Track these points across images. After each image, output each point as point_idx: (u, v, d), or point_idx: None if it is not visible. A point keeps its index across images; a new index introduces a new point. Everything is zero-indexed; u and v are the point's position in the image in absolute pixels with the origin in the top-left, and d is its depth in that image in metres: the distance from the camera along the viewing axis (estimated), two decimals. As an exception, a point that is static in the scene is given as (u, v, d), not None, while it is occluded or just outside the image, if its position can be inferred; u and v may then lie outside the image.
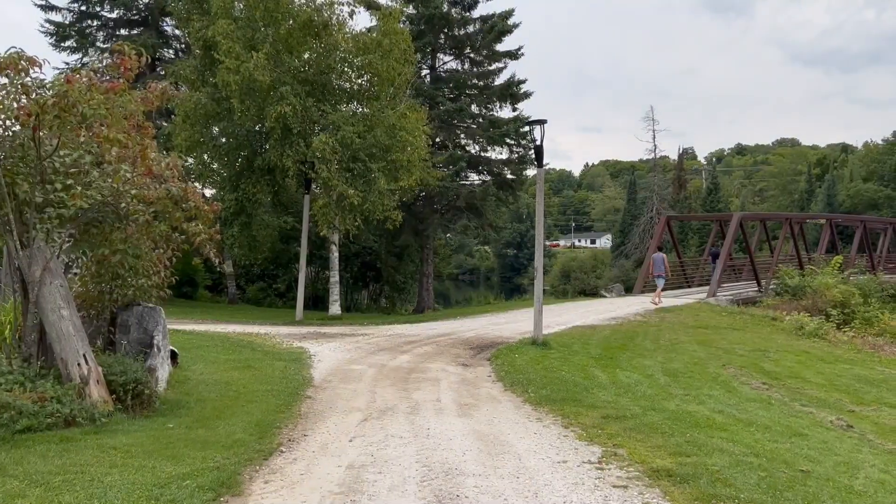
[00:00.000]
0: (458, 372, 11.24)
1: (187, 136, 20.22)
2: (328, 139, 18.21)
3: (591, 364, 12.52)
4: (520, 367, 11.57)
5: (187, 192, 7.25)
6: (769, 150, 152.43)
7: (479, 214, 27.06)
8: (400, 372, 10.97)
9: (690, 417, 8.24)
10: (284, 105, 18.24)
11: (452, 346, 14.59)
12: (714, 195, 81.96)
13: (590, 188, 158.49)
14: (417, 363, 11.98)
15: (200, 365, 10.68)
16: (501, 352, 13.33)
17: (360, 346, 14.23)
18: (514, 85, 27.51)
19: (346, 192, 18.41)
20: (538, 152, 14.30)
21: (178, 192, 7.11)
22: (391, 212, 20.13)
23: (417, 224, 26.98)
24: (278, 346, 13.86)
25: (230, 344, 13.53)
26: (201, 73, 20.20)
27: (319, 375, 10.43)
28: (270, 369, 10.58)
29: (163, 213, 7.32)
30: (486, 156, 28.05)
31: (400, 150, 19.61)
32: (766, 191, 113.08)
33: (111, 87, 6.30)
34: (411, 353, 13.14)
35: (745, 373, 12.78)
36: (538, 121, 14.21)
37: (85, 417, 6.39)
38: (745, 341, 16.64)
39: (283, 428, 7.06)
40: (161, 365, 8.62)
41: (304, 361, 11.65)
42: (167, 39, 28.50)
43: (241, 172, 20.83)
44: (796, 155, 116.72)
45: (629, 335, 16.75)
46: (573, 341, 15.29)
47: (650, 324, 18.85)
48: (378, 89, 20.17)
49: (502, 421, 7.72)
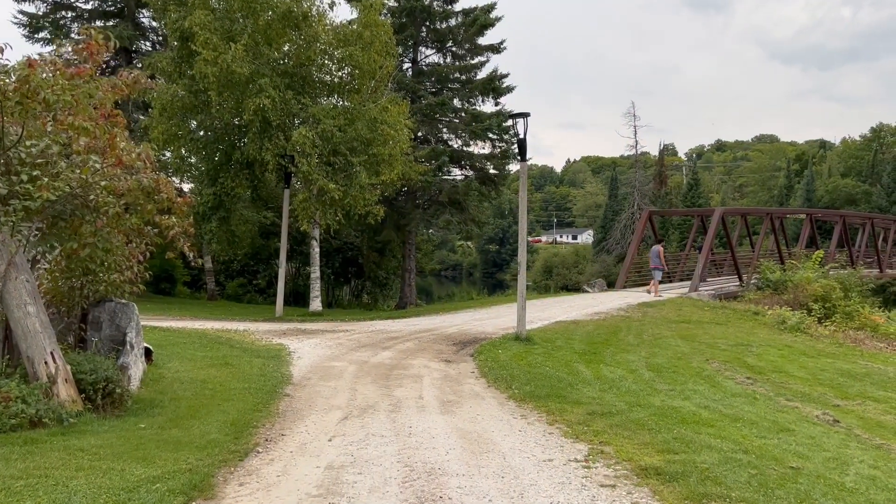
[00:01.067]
0: (441, 368, 11.06)
1: (164, 130, 19.81)
2: (308, 132, 17.92)
3: (575, 359, 12.39)
4: (503, 362, 11.41)
5: (159, 183, 6.96)
6: (748, 146, 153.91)
7: (462, 209, 26.86)
8: (381, 369, 10.76)
9: (676, 413, 8.11)
10: (263, 97, 17.92)
11: (435, 342, 14.40)
12: (695, 191, 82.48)
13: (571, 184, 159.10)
14: (399, 360, 11.78)
15: (176, 362, 10.40)
16: (485, 347, 13.16)
17: (342, 342, 14.00)
18: (496, 79, 27.31)
19: (327, 186, 18.14)
20: (521, 146, 14.12)
21: (149, 183, 6.82)
22: (373, 206, 19.89)
23: (399, 219, 26.74)
24: (257, 342, 13.59)
25: (207, 341, 13.24)
26: (178, 66, 19.79)
27: (299, 373, 10.19)
28: (248, 367, 10.33)
29: (134, 206, 7.04)
30: (468, 150, 27.84)
31: (381, 144, 19.36)
32: (745, 186, 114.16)
33: (76, 73, 6.02)
34: (393, 350, 12.94)
35: (730, 367, 12.73)
36: (521, 114, 14.03)
37: (52, 418, 6.12)
38: (728, 336, 16.62)
39: (260, 427, 6.83)
40: (134, 363, 8.35)
41: (283, 358, 11.40)
42: (144, 31, 27.97)
43: (220, 166, 20.46)
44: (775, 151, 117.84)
45: (612, 330, 16.66)
46: (556, 336, 15.17)
47: (633, 319, 18.78)
48: (359, 82, 19.90)
49: (486, 418, 7.55)
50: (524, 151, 14.21)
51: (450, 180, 27.88)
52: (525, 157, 14.29)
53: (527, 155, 14.30)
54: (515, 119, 14.06)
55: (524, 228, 14.33)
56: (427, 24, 27.75)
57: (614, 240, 71.09)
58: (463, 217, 27.29)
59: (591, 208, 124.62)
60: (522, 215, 14.38)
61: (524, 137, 14.07)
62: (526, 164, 14.40)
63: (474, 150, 27.96)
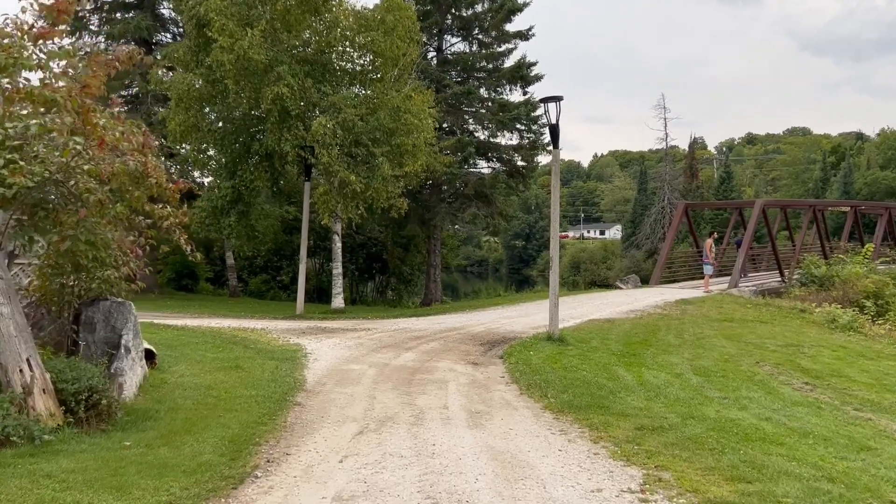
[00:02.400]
0: (468, 372, 10.17)
1: (181, 121, 19.14)
2: (328, 122, 17.10)
3: (614, 362, 11.44)
4: (536, 366, 10.48)
5: (147, 166, 6.15)
6: (780, 139, 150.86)
7: (489, 203, 25.85)
8: (403, 372, 9.90)
9: (737, 427, 7.13)
10: (282, 86, 17.14)
11: (461, 342, 13.52)
12: (727, 184, 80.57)
13: (599, 179, 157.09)
14: (423, 362, 10.91)
15: (183, 365, 9.64)
16: (515, 348, 12.24)
17: (362, 342, 13.18)
18: (524, 67, 26.22)
19: (348, 178, 17.31)
20: (553, 132, 13.16)
21: (136, 167, 6.02)
22: (396, 199, 19.01)
23: (424, 213, 25.83)
24: (273, 342, 12.82)
25: (221, 341, 12.49)
26: (195, 54, 19.10)
27: (313, 377, 9.37)
28: (260, 370, 9.53)
29: (119, 192, 6.24)
30: (495, 142, 26.83)
31: (405, 134, 18.47)
32: (778, 180, 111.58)
33: (41, 34, 5.23)
34: (417, 351, 12.08)
35: (783, 371, 11.66)
36: (553, 97, 13.05)
37: (22, 436, 5.34)
38: (776, 335, 15.48)
39: (262, 444, 5.99)
40: (130, 368, 7.57)
41: (298, 361, 10.59)
42: (164, 22, 27.41)
43: (238, 158, 19.75)
44: (809, 144, 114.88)
45: (650, 329, 15.64)
46: (591, 336, 14.20)
47: (672, 317, 17.72)
48: (381, 70, 19.02)
49: (520, 434, 6.64)
50: (556, 138, 13.26)
51: (476, 172, 26.92)
52: (557, 143, 13.33)
53: (559, 142, 13.34)
54: (547, 103, 13.08)
55: (556, 221, 13.36)
56: (453, 11, 26.78)
57: (644, 235, 69.63)
58: (490, 210, 26.28)
59: (619, 203, 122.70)
60: (555, 207, 13.41)
61: (556, 123, 13.11)
62: (558, 151, 13.43)
63: (501, 142, 27.01)
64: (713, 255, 22.73)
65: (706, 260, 22.52)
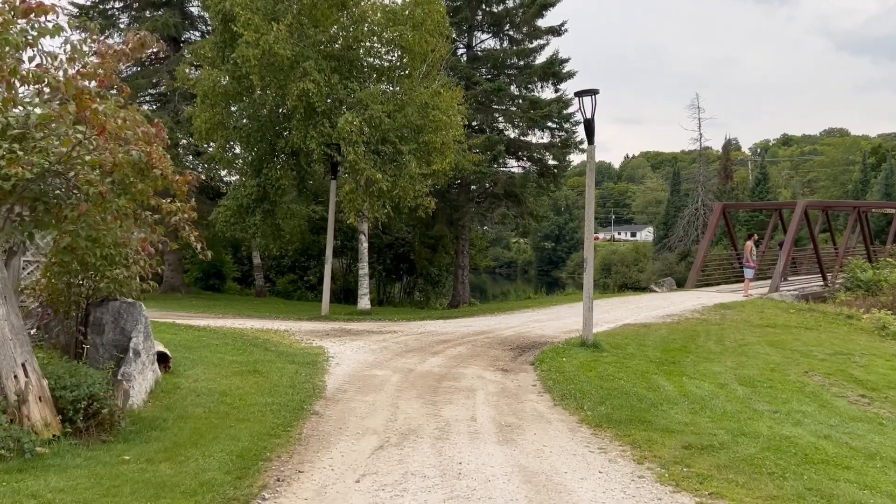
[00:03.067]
0: (497, 379, 9.60)
1: (207, 118, 18.88)
2: (354, 118, 16.66)
3: (653, 370, 10.78)
4: (569, 374, 9.88)
5: (152, 156, 5.70)
6: (816, 140, 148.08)
7: (519, 202, 25.17)
8: (429, 379, 9.37)
9: (794, 447, 6.47)
10: (307, 81, 16.75)
11: (490, 346, 12.96)
12: (762, 185, 78.94)
13: (630, 180, 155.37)
14: (450, 368, 10.37)
15: (199, 369, 9.22)
16: (546, 354, 11.64)
17: (387, 345, 12.68)
18: (556, 63, 25.48)
19: (375, 176, 16.84)
20: (588, 127, 12.52)
21: (140, 157, 5.56)
22: (423, 198, 18.50)
23: (452, 213, 25.27)
24: (295, 345, 12.37)
25: (242, 342, 12.08)
26: (221, 50, 18.79)
27: (334, 383, 8.88)
28: (279, 375, 9.07)
29: (121, 185, 5.80)
30: (525, 140, 26.15)
31: (433, 131, 17.96)
32: (815, 181, 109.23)
33: (29, 8, 4.80)
34: (443, 356, 11.54)
35: (835, 381, 10.91)
36: (588, 91, 12.43)
37: (11, 448, 4.91)
38: (823, 342, 14.65)
39: (273, 460, 5.50)
40: (140, 373, 7.15)
41: (319, 365, 10.12)
42: (192, 20, 27.29)
43: (264, 156, 19.43)
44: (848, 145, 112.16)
45: (689, 335, 14.91)
46: (627, 342, 13.54)
47: (711, 322, 16.94)
48: (409, 65, 18.53)
49: (555, 451, 6.06)
50: (591, 134, 12.62)
51: (506, 172, 26.28)
52: (592, 139, 12.68)
53: (594, 137, 12.69)
54: (582, 97, 12.46)
55: (591, 220, 12.72)
56: (483, 7, 26.18)
57: (677, 237, 68.50)
58: (520, 210, 25.61)
59: (650, 204, 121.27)
60: (589, 205, 12.77)
61: (592, 118, 12.48)
62: (593, 147, 12.78)
63: (532, 140, 26.31)
64: (754, 257, 21.86)
65: (747, 263, 21.67)
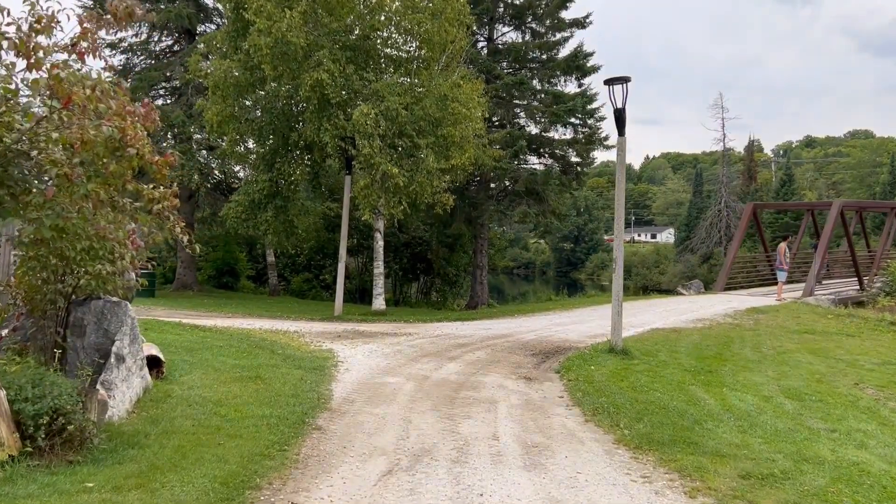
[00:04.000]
0: (521, 389, 8.77)
1: (218, 111, 18.22)
2: (370, 110, 15.89)
3: (689, 380, 9.90)
4: (600, 384, 9.03)
5: (126, 133, 4.89)
6: (840, 142, 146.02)
7: (541, 200, 24.24)
8: (445, 388, 8.57)
9: (868, 477, 5.60)
10: (321, 71, 16.01)
11: (510, 351, 12.14)
12: (787, 187, 77.31)
13: (650, 181, 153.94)
14: (468, 375, 9.56)
15: (197, 374, 8.48)
16: (572, 361, 10.80)
17: (401, 349, 11.90)
18: (581, 56, 24.54)
19: (391, 171, 16.06)
20: (619, 117, 11.66)
21: (111, 132, 4.76)
22: (441, 194, 17.69)
23: (471, 211, 24.41)
24: (304, 347, 11.63)
25: (248, 344, 11.34)
26: (233, 40, 18.13)
27: (342, 392, 8.10)
28: (282, 382, 8.31)
29: (91, 166, 5.02)
30: (548, 136, 25.20)
31: (452, 125, 17.15)
32: (841, 183, 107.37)
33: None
34: (461, 361, 10.73)
35: (891, 395, 9.95)
36: (619, 78, 11.58)
37: (-48, 474, 4.18)
38: (868, 351, 13.67)
39: (263, 488, 4.71)
40: (123, 380, 6.41)
41: (326, 371, 9.35)
42: (206, 11, 26.65)
43: (276, 150, 18.72)
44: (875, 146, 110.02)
45: (723, 341, 14.00)
46: (658, 348, 12.66)
47: (744, 327, 16.00)
48: (428, 55, 17.74)
49: (591, 479, 5.23)
50: (623, 124, 11.75)
51: (527, 168, 25.35)
52: (623, 130, 11.82)
53: (625, 128, 11.83)
54: (612, 85, 11.60)
55: (621, 217, 11.84)
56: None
57: (699, 238, 67.26)
58: (541, 209, 24.67)
59: (671, 206, 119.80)
60: (619, 200, 11.90)
61: (623, 107, 11.62)
62: (624, 139, 11.92)
63: (554, 136, 25.37)
64: (787, 259, 20.81)
65: (780, 265, 20.65)
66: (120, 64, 26.57)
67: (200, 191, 26.07)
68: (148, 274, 23.16)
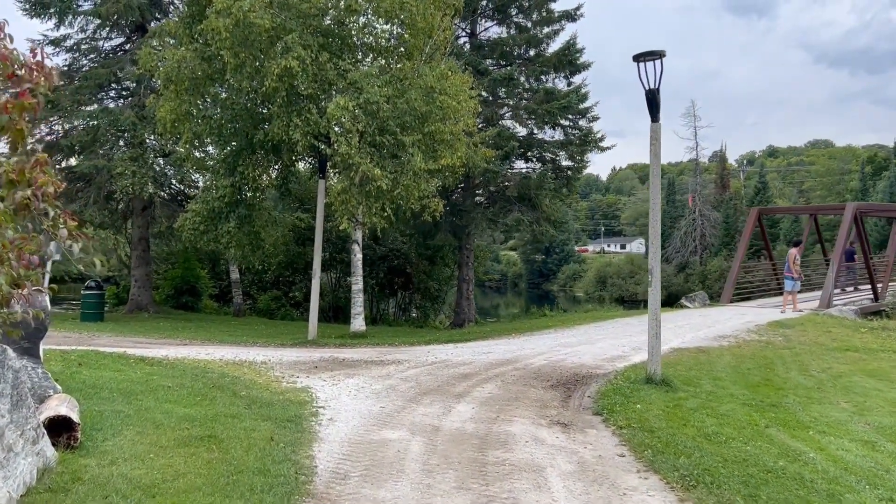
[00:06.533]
0: (564, 444, 6.66)
1: (171, 108, 15.92)
2: (347, 102, 13.76)
3: (757, 419, 7.97)
4: (661, 432, 6.98)
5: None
6: (802, 151, 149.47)
7: (534, 206, 22.25)
8: (466, 446, 6.42)
9: None
10: (290, 58, 13.84)
11: (525, 382, 10.05)
12: (762, 195, 77.01)
13: (618, 192, 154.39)
14: (488, 422, 7.42)
15: (128, 435, 6.21)
16: (608, 397, 8.75)
17: (394, 383, 9.73)
18: (572, 50, 22.63)
19: (372, 172, 13.92)
20: (652, 99, 9.71)
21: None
22: (430, 199, 15.56)
23: (456, 219, 22.30)
24: (274, 385, 9.39)
25: (204, 384, 9.05)
26: (188, 27, 15.88)
27: (328, 460, 5.89)
28: (244, 446, 6.08)
29: None
30: (539, 137, 23.22)
31: (440, 120, 15.09)
32: (810, 191, 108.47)
33: None
34: (472, 400, 8.60)
35: None
36: (651, 53, 9.64)
37: None
38: (931, 371, 11.88)
39: None
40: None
41: (305, 423, 7.13)
42: (162, 6, 24.20)
43: (239, 152, 16.44)
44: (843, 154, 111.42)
45: (762, 363, 12.11)
46: (694, 374, 10.71)
47: (776, 345, 14.15)
48: (411, 43, 15.66)
49: None
50: (657, 108, 9.80)
51: (518, 172, 23.30)
52: (657, 115, 9.86)
53: (659, 114, 9.87)
54: (644, 61, 9.64)
55: (657, 219, 9.83)
56: (489, -9, 23.36)
57: (673, 248, 66.54)
58: (535, 216, 22.61)
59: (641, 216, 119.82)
60: (655, 197, 9.90)
61: (657, 87, 9.67)
62: (658, 125, 9.95)
63: (545, 137, 23.36)
64: (798, 267, 19.04)
65: (789, 274, 18.88)
66: (65, 63, 24.06)
67: (155, 202, 23.61)
68: (95, 294, 20.66)
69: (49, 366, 9.82)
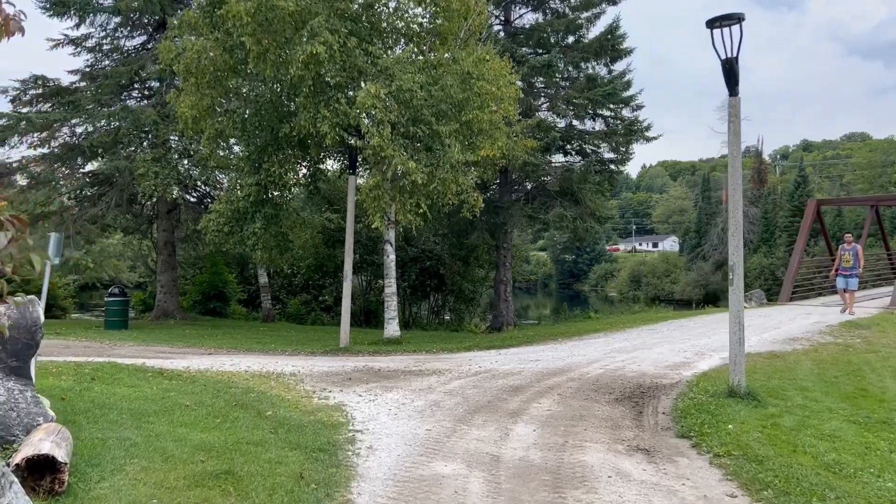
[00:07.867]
0: (654, 480, 5.45)
1: (193, 103, 15.00)
2: (378, 90, 12.66)
3: (875, 442, 6.75)
4: (772, 462, 5.75)
5: None
6: (837, 144, 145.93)
7: (577, 201, 20.85)
8: (536, 484, 5.24)
9: None
10: (317, 44, 12.77)
11: (585, 396, 8.84)
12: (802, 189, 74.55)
13: (649, 190, 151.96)
14: (556, 450, 6.24)
15: (132, 471, 5.15)
16: (690, 415, 7.51)
17: (437, 398, 8.59)
18: (614, 34, 21.22)
19: (406, 165, 12.80)
20: (730, 69, 8.44)
21: None
22: (469, 193, 14.38)
23: (492, 217, 21.05)
24: (304, 403, 8.30)
25: (226, 402, 8.00)
26: (209, 16, 14.92)
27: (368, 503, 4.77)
28: (267, 486, 4.97)
29: None
30: (580, 128, 21.84)
31: (479, 108, 13.92)
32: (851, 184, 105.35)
33: None
34: (530, 420, 7.42)
35: None
36: (728, 16, 8.38)
37: None
38: None
39: None
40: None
41: (339, 453, 6.01)
42: (183, 0, 23.43)
43: (264, 148, 15.45)
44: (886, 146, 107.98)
45: (848, 370, 10.73)
46: (778, 384, 9.41)
47: (857, 349, 12.73)
48: (445, 27, 14.53)
49: None
50: (735, 79, 8.53)
51: (559, 165, 21.97)
52: (736, 87, 8.58)
53: (738, 87, 8.59)
54: (720, 27, 8.38)
55: (739, 207, 8.55)
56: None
57: (711, 245, 64.78)
58: (579, 211, 21.22)
59: (674, 213, 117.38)
60: (736, 180, 8.62)
61: (735, 56, 8.40)
62: (738, 99, 8.67)
63: (588, 128, 21.97)
64: (863, 263, 17.42)
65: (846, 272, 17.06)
66: (87, 64, 23.40)
67: (181, 205, 22.82)
68: (118, 301, 19.84)
69: (60, 381, 8.90)
